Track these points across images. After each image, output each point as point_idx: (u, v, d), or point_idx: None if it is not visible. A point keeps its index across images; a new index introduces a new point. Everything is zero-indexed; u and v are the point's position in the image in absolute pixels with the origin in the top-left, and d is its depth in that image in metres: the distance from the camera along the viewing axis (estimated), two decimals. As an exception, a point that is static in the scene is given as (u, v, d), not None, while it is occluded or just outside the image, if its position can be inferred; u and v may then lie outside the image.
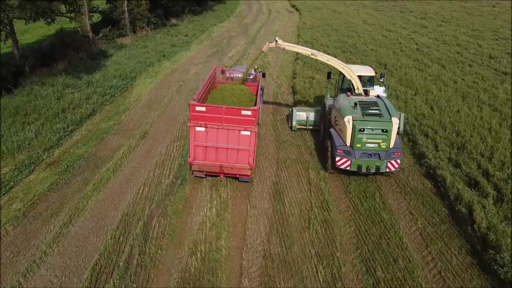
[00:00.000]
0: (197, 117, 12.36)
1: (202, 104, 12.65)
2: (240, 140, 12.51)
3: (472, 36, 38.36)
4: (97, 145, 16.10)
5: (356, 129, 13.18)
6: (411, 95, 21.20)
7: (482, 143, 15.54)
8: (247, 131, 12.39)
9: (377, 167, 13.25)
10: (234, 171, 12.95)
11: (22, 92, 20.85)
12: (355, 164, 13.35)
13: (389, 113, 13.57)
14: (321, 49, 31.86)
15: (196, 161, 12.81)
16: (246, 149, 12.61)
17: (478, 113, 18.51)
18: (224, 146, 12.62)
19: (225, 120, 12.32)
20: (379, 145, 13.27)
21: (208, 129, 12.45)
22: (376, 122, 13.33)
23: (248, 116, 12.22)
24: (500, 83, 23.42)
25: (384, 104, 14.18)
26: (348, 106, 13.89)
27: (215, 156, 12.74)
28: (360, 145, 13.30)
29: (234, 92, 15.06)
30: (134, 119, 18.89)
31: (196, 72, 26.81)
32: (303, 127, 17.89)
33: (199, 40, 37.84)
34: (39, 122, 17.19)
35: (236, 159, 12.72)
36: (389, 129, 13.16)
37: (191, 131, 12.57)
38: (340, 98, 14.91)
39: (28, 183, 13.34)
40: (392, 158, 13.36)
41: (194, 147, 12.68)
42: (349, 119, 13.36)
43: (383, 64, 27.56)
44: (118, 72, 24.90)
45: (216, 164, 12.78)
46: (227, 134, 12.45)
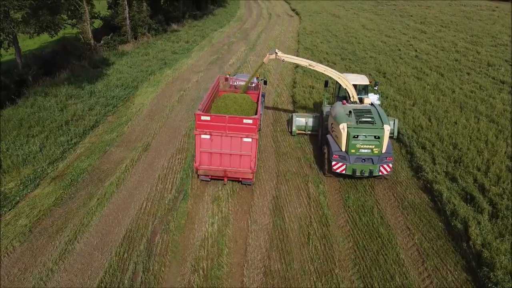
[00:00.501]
0: (202, 125, 13.35)
1: (207, 114, 13.63)
2: (242, 147, 13.52)
3: (471, 42, 38.66)
4: (100, 158, 16.39)
5: (351, 135, 14.14)
6: (409, 105, 21.47)
7: (478, 156, 15.81)
8: (248, 138, 13.39)
9: (371, 171, 14.22)
10: (237, 175, 13.96)
11: (26, 103, 21.14)
12: (350, 168, 14.31)
13: (381, 121, 14.48)
14: (320, 56, 32.29)
15: (202, 166, 13.86)
16: (248, 155, 13.61)
17: (475, 125, 18.79)
18: (227, 152, 13.61)
19: (228, 128, 13.32)
20: (372, 150, 14.21)
21: (213, 137, 13.48)
22: (369, 129, 14.26)
23: (249, 125, 13.22)
24: (497, 92, 23.69)
25: (377, 111, 15.10)
26: (343, 114, 14.81)
27: (219, 161, 13.78)
28: (354, 150, 14.24)
29: (237, 100, 15.79)
30: (136, 130, 19.18)
31: (197, 80, 27.10)
32: (303, 132, 18.79)
33: (200, 47, 38.14)
34: (43, 135, 17.48)
35: (238, 164, 13.74)
36: (381, 136, 14.11)
37: (197, 138, 13.55)
38: (336, 106, 15.82)
39: (34, 197, 13.63)
40: (384, 162, 14.28)
41: (200, 153, 13.73)
42: (344, 126, 14.30)
43: (382, 73, 27.84)
44: (120, 82, 25.20)
45: (220, 169, 13.82)
46: (230, 141, 13.47)
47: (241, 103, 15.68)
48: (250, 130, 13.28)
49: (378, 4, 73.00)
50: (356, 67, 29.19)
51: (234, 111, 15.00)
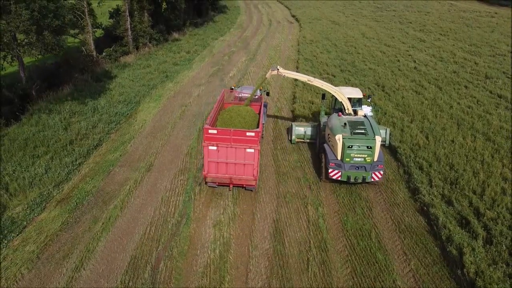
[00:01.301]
0: (209, 138, 14.89)
1: (214, 128, 15.19)
2: (245, 156, 14.95)
3: (469, 52, 39.00)
4: (104, 179, 16.76)
5: (346, 146, 15.65)
6: (407, 122, 21.81)
7: (474, 177, 16.16)
8: (251, 149, 14.86)
9: (364, 178, 15.75)
10: (241, 182, 15.44)
11: (30, 121, 21.54)
12: (345, 175, 15.82)
13: (373, 132, 15.92)
14: (320, 68, 32.69)
15: (209, 174, 15.35)
16: (251, 164, 15.04)
17: (471, 143, 19.14)
18: (232, 162, 15.06)
19: (233, 140, 14.78)
20: (365, 159, 15.71)
21: (219, 148, 14.96)
22: (362, 140, 15.70)
23: (252, 137, 14.69)
24: (494, 107, 24.03)
25: (370, 123, 16.53)
26: (339, 126, 16.30)
27: (225, 169, 15.26)
28: (349, 159, 15.76)
29: (241, 113, 16.93)
30: (139, 149, 19.54)
31: (198, 94, 27.47)
32: (302, 140, 20.19)
33: (201, 57, 38.51)
34: (48, 155, 17.86)
35: (242, 172, 15.18)
36: (373, 146, 15.59)
37: (205, 149, 15.06)
38: (332, 118, 17.29)
39: (40, 222, 14.00)
40: (376, 169, 15.78)
41: (208, 163, 15.23)
42: (339, 137, 15.79)
43: (381, 86, 28.20)
44: (122, 97, 25.58)
45: (226, 176, 15.30)
46: (235, 151, 14.95)
47: (244, 115, 16.83)
48: (252, 142, 14.70)
49: (377, 10, 73.33)
50: (355, 80, 29.54)
51: (238, 123, 16.29)
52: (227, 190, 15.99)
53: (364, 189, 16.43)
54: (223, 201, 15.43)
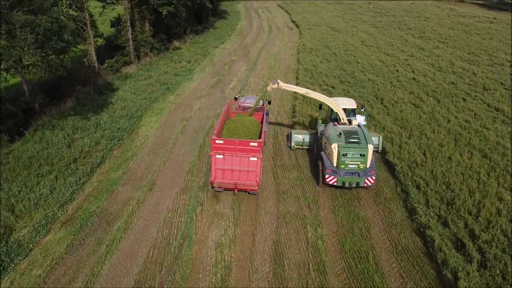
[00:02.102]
0: (216, 147, 16.35)
1: (220, 138, 16.60)
2: (249, 164, 16.43)
3: (468, 60, 39.32)
4: (107, 199, 17.11)
5: (341, 154, 17.08)
6: (405, 137, 22.12)
7: (470, 197, 16.49)
8: (254, 157, 16.33)
9: (357, 183, 17.19)
10: (245, 187, 16.89)
11: (34, 137, 21.90)
12: (340, 181, 17.22)
13: (366, 141, 17.33)
14: (320, 79, 33.07)
15: (216, 180, 16.83)
16: (254, 171, 16.53)
17: (468, 161, 19.47)
18: (237, 169, 16.53)
19: (237, 150, 16.28)
20: (358, 166, 17.11)
21: (225, 156, 16.42)
22: (356, 148, 17.11)
23: (255, 147, 16.19)
24: (491, 121, 24.35)
25: (363, 132, 17.90)
26: (334, 135, 17.61)
27: (230, 176, 16.71)
28: (343, 166, 17.16)
29: (245, 123, 18.45)
30: (141, 166, 19.89)
31: (199, 108, 27.81)
32: (300, 147, 21.60)
33: (202, 67, 38.87)
34: (52, 175, 18.21)
35: (246, 178, 16.65)
36: (366, 154, 17.02)
37: (212, 158, 16.50)
38: (329, 128, 18.65)
39: (46, 244, 14.35)
40: (369, 175, 17.20)
41: (215, 170, 16.68)
42: (335, 146, 17.18)
43: (380, 99, 28.52)
44: (124, 111, 25.93)
45: (231, 182, 16.74)
46: (239, 160, 16.41)
47: (248, 125, 18.40)
48: (255, 151, 16.24)
49: (377, 15, 73.66)
50: (354, 92, 29.88)
51: (243, 132, 17.89)
52: (228, 211, 16.34)
53: (362, 209, 16.77)
54: (224, 221, 15.78)
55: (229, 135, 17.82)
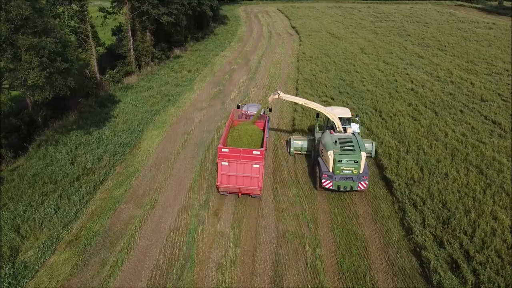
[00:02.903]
0: (222, 155, 17.85)
1: (226, 147, 18.02)
2: (252, 170, 17.89)
3: (466, 69, 39.66)
4: (111, 218, 17.47)
5: (336, 160, 18.51)
6: (403, 152, 22.46)
7: (465, 216, 16.83)
8: (257, 164, 17.80)
9: (351, 187, 18.61)
10: (248, 191, 18.37)
11: (38, 153, 22.28)
12: (336, 185, 18.64)
13: (359, 148, 18.79)
14: (319, 90, 33.46)
15: (222, 185, 18.28)
16: (256, 177, 17.95)
17: (464, 177, 19.80)
18: (241, 175, 17.99)
19: (241, 157, 17.77)
20: (352, 171, 18.54)
21: (230, 163, 17.87)
22: (350, 155, 18.57)
23: (258, 155, 17.69)
24: (488, 135, 24.69)
25: (357, 140, 19.38)
26: (330, 143, 19.07)
27: (235, 181, 18.16)
28: (339, 171, 18.58)
29: (248, 131, 19.93)
30: (143, 183, 20.25)
31: (200, 120, 28.17)
32: (299, 152, 23.03)
33: (202, 76, 39.24)
34: (56, 193, 18.57)
35: (249, 183, 18.11)
36: (359, 160, 18.45)
37: (219, 165, 18.00)
38: (325, 136, 20.06)
39: (51, 265, 14.71)
40: (362, 180, 18.61)
41: (221, 175, 18.14)
42: (331, 153, 18.64)
43: (378, 111, 28.86)
44: (126, 125, 26.29)
45: (236, 187, 18.22)
46: (243, 166, 17.88)
47: (251, 134, 19.91)
48: (258, 158, 17.70)
49: (377, 20, 74.03)
50: (353, 104, 30.22)
51: (246, 140, 19.46)
52: (229, 230, 16.71)
53: (360, 227, 17.12)
54: (224, 241, 16.14)
55: (233, 143, 19.39)
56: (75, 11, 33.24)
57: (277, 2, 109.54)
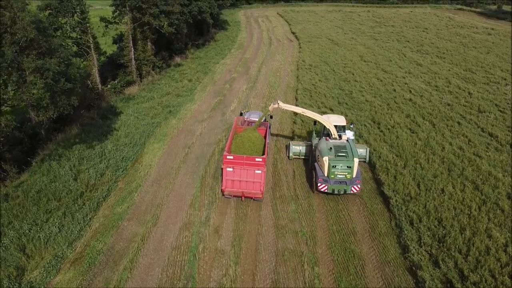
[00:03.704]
0: (227, 162, 19.36)
1: (231, 154, 19.62)
2: (254, 176, 19.32)
3: (464, 78, 40.02)
4: (114, 235, 17.87)
5: (331, 165, 19.95)
6: (400, 167, 22.83)
7: (461, 234, 17.20)
8: (259, 170, 19.23)
9: (345, 190, 20.00)
10: (250, 195, 19.76)
11: (41, 169, 22.69)
12: (330, 188, 20.04)
13: (353, 155, 20.29)
14: (319, 101, 33.90)
15: (227, 189, 19.80)
16: (259, 181, 19.42)
17: (460, 193, 20.18)
18: (244, 180, 19.44)
19: (245, 164, 19.23)
20: (346, 176, 19.99)
21: (235, 169, 19.33)
22: (343, 161, 20.03)
23: (260, 162, 19.13)
24: (484, 148, 25.05)
25: (350, 147, 20.87)
26: (326, 149, 20.55)
27: (239, 185, 19.63)
28: (333, 176, 20.03)
29: (250, 138, 21.57)
30: (145, 199, 20.65)
31: (200, 133, 28.55)
32: (297, 157, 24.49)
33: (203, 86, 39.62)
34: (60, 211, 18.97)
35: (252, 188, 19.55)
36: (352, 166, 19.94)
37: (224, 170, 19.48)
38: (321, 142, 21.57)
39: (56, 286, 15.11)
40: (354, 184, 20.04)
41: (226, 180, 19.66)
42: (326, 159, 20.07)
43: (376, 123, 29.23)
44: (128, 139, 26.69)
45: (239, 191, 19.70)
46: (246, 172, 19.30)
47: (254, 141, 21.54)
48: (260, 165, 19.15)
49: (376, 25, 74.39)
50: (352, 115, 30.59)
51: (248, 147, 21.11)
52: (229, 248, 17.10)
53: (358, 244, 17.50)
54: (225, 259, 16.53)
55: (237, 149, 21.06)
56: (77, 22, 33.67)
57: (277, 5, 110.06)
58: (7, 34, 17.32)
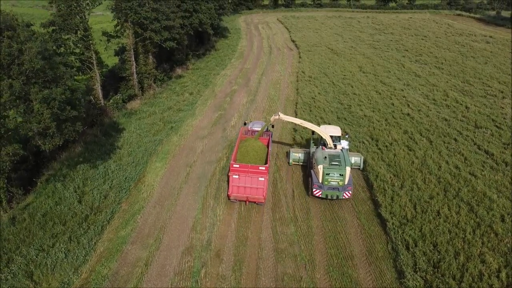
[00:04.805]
0: (233, 170, 21.59)
1: (237, 163, 21.76)
2: (258, 183, 21.45)
3: (462, 91, 40.55)
4: (118, 260, 18.39)
5: (325, 173, 21.95)
6: (397, 187, 23.33)
7: (455, 259, 17.70)
8: (262, 178, 21.38)
9: (337, 196, 21.99)
10: (254, 200, 21.90)
11: (47, 190, 23.24)
12: (324, 194, 22.08)
13: (345, 164, 22.22)
14: (318, 115, 34.50)
15: (233, 194, 21.99)
16: (261, 188, 21.53)
17: (455, 216, 20.68)
18: (249, 186, 21.55)
19: (249, 172, 21.43)
20: (338, 183, 22.00)
21: (240, 176, 21.43)
22: (336, 169, 22.07)
23: (263, 170, 21.38)
24: (480, 167, 25.55)
25: (344, 157, 22.84)
26: (321, 158, 22.63)
27: (243, 191, 21.74)
28: (327, 182, 22.05)
29: (254, 147, 24.02)
30: (148, 221, 21.17)
31: (202, 150, 29.08)
32: (297, 163, 26.54)
33: (204, 99, 40.16)
34: (66, 236, 19.49)
35: (255, 193, 21.66)
36: (344, 174, 21.94)
37: (230, 177, 21.71)
38: (317, 151, 23.67)
39: (63, 313, 15.65)
40: (346, 190, 21.99)
41: (232, 186, 21.83)
42: (321, 167, 22.14)
43: (375, 140, 29.74)
44: (131, 158, 27.23)
45: (244, 196, 21.83)
46: (251, 179, 21.44)
47: (257, 150, 23.98)
48: (263, 173, 21.37)
49: (376, 32, 74.93)
50: (351, 131, 31.10)
51: (252, 156, 23.46)
52: (230, 273, 17.62)
53: (356, 269, 18.01)
54: (226, 285, 17.04)
55: (242, 158, 23.29)
56: (79, 38, 34.19)
57: (278, 11, 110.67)
58: (14, 65, 17.87)
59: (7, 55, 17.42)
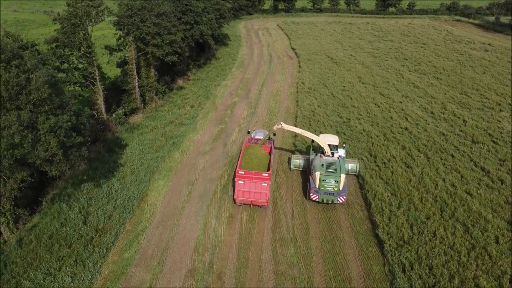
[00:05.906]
0: (239, 176, 23.68)
1: (242, 170, 23.81)
2: (261, 188, 23.63)
3: (460, 103, 41.07)
4: (123, 283, 18.96)
5: (321, 179, 23.98)
6: (395, 207, 23.87)
7: (450, 283, 18.25)
8: (265, 183, 23.56)
9: (332, 200, 23.99)
10: (257, 203, 24.02)
11: (52, 211, 23.79)
12: (321, 198, 24.04)
13: (340, 171, 24.09)
14: (317, 130, 35.03)
15: (238, 198, 24.05)
16: (264, 192, 23.70)
17: (451, 237, 21.21)
18: (253, 191, 23.69)
19: (253, 178, 23.58)
20: (333, 188, 23.99)
21: (245, 182, 23.58)
22: (332, 176, 23.99)
23: (265, 176, 23.51)
24: (476, 186, 26.07)
25: (340, 164, 24.67)
26: (319, 165, 24.56)
27: (248, 195, 23.86)
28: (323, 188, 24.06)
29: (257, 155, 26.13)
30: (151, 242, 21.73)
31: (203, 167, 29.61)
32: (297, 169, 28.52)
33: (205, 112, 40.69)
34: (72, 258, 20.05)
35: (259, 197, 23.79)
36: (339, 180, 23.87)
37: (236, 183, 23.81)
38: (316, 159, 25.71)
39: (71, 338, 16.20)
40: (341, 195, 23.95)
41: (237, 191, 23.92)
42: (318, 174, 24.09)
43: (373, 156, 30.27)
44: (133, 176, 27.78)
45: (248, 200, 23.98)
46: (255, 185, 23.57)
47: (260, 157, 26.06)
48: (266, 179, 23.51)
49: (375, 39, 75.42)
50: (349, 147, 31.65)
51: (256, 163, 25.48)
52: (232, 297, 18.20)
53: (353, 292, 18.57)
54: (228, 309, 17.60)
55: (246, 165, 25.20)
56: (82, 54, 34.74)
57: (278, 16, 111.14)
58: (22, 95, 18.42)
59: (15, 85, 17.96)
